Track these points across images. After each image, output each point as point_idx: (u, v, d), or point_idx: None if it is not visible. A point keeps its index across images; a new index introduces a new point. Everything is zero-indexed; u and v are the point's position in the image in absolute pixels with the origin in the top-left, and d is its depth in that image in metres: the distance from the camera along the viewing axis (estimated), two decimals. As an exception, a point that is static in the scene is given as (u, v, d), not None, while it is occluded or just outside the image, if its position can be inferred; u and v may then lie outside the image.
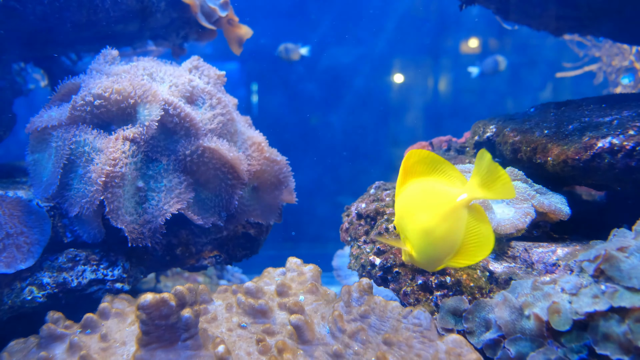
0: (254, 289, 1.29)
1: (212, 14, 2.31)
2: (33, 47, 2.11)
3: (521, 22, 2.25)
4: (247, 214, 1.79)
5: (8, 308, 1.40)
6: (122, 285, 1.54)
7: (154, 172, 1.54)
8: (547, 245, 1.27)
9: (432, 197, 1.00)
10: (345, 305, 1.21)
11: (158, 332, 1.04)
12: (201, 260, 1.75)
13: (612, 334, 0.95)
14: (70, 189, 1.47)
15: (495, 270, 1.24)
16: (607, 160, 1.22)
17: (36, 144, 1.57)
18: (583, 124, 1.34)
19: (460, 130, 2.42)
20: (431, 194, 1.00)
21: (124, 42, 2.38)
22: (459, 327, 1.19)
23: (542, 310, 1.04)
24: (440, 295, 1.27)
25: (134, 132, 1.47)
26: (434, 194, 1.00)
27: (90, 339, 1.18)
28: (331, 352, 1.11)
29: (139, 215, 1.49)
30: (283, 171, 1.84)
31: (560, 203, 1.31)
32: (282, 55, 4.35)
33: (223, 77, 1.86)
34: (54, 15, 1.79)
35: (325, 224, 4.79)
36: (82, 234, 1.51)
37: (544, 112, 1.62)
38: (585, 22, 1.99)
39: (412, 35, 5.34)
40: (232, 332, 1.20)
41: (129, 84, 1.51)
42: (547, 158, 1.37)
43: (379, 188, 1.78)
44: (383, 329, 1.13)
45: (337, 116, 5.29)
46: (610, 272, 1.01)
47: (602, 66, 3.99)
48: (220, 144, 1.60)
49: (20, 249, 1.40)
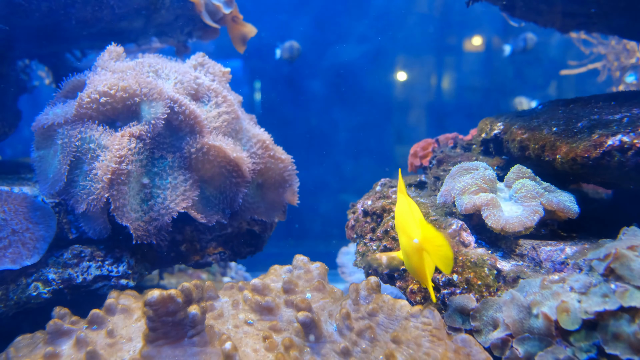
0: (260, 285, 1.29)
1: (216, 11, 2.30)
2: (38, 43, 2.11)
3: (528, 18, 2.24)
4: (251, 211, 1.79)
5: (14, 304, 1.39)
6: (127, 281, 1.54)
7: (159, 169, 1.54)
8: (556, 243, 1.26)
9: (407, 226, 1.13)
10: (353, 303, 1.20)
11: (165, 329, 1.04)
12: (206, 257, 1.75)
13: (622, 334, 0.94)
14: (75, 185, 1.47)
15: (503, 268, 1.23)
16: (617, 158, 1.21)
17: (42, 140, 1.57)
18: (592, 121, 1.33)
19: (465, 128, 2.41)
20: (407, 223, 1.13)
21: (129, 39, 2.37)
22: (466, 325, 1.18)
23: (550, 309, 1.04)
24: (448, 294, 1.26)
25: (139, 129, 1.47)
26: (408, 224, 1.13)
27: (97, 335, 1.18)
28: (339, 349, 1.10)
29: (144, 212, 1.49)
30: (288, 169, 1.83)
31: (569, 201, 1.30)
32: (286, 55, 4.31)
33: (228, 74, 1.86)
34: (59, 11, 1.78)
35: (329, 222, 4.79)
36: (88, 230, 1.51)
37: (552, 109, 1.61)
38: (594, 19, 1.97)
39: (416, 32, 5.32)
40: (238, 329, 1.19)
41: (135, 81, 1.51)
42: (555, 156, 1.36)
43: (385, 185, 1.77)
44: (391, 327, 1.13)
45: (341, 114, 5.28)
46: (620, 271, 1.00)
47: (607, 64, 3.97)
48: (224, 142, 1.59)
49: (26, 245, 1.40)
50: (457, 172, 1.48)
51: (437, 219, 1.42)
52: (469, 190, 1.36)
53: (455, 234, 1.34)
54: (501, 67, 5.31)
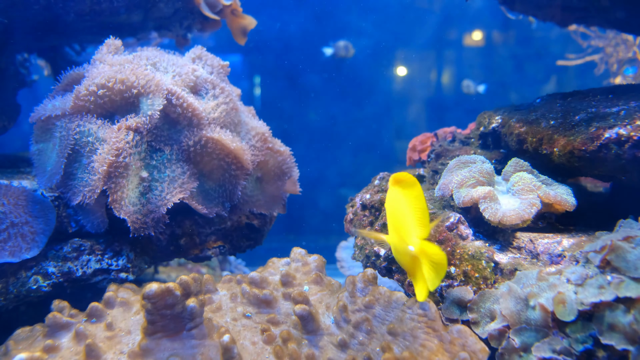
0: (258, 279, 1.29)
1: (215, 3, 2.29)
2: (37, 37, 2.10)
3: (527, 12, 2.24)
4: (250, 204, 1.79)
5: (14, 297, 1.40)
6: (127, 275, 1.55)
7: (157, 162, 1.54)
8: (553, 236, 1.26)
9: (401, 225, 1.07)
10: (349, 295, 1.20)
11: (163, 322, 1.05)
12: (205, 251, 1.76)
13: (618, 324, 0.95)
14: (74, 178, 1.47)
15: (500, 260, 1.24)
16: (614, 151, 1.21)
17: (40, 133, 1.57)
18: (590, 114, 1.33)
19: (463, 122, 2.41)
20: (401, 222, 1.07)
21: (128, 33, 2.37)
22: (463, 317, 1.19)
23: (547, 300, 1.04)
24: (445, 286, 1.27)
25: (137, 122, 1.47)
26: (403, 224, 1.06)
27: (96, 328, 1.19)
28: (336, 342, 1.11)
29: (142, 206, 1.49)
30: (287, 162, 1.83)
31: (566, 194, 1.30)
32: (342, 53, 4.48)
33: (227, 67, 1.85)
34: (58, 4, 1.78)
35: (328, 216, 4.79)
36: (86, 223, 1.51)
37: (550, 103, 1.61)
38: (592, 12, 1.97)
39: (415, 27, 5.31)
40: (236, 322, 1.20)
41: (132, 74, 1.51)
42: (553, 149, 1.36)
43: (384, 179, 1.78)
44: (388, 319, 1.13)
45: (340, 108, 5.27)
46: (616, 263, 1.01)
47: (604, 57, 3.97)
48: (223, 134, 1.59)
49: (25, 238, 1.41)
50: (455, 166, 1.48)
51: (435, 212, 1.43)
52: (466, 184, 1.37)
53: (453, 227, 1.34)
54: (501, 62, 5.30)
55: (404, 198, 1.07)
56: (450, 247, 1.31)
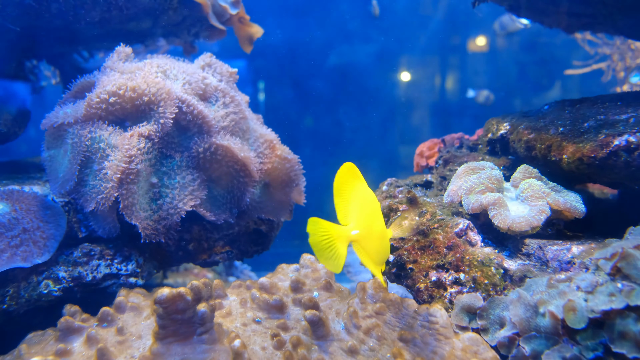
0: (268, 284, 1.30)
1: (223, 12, 2.32)
2: (47, 44, 2.13)
3: (533, 19, 2.24)
4: (258, 210, 1.80)
5: (25, 301, 1.41)
6: (136, 279, 1.55)
7: (167, 168, 1.55)
8: (562, 243, 1.26)
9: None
10: (360, 301, 1.21)
11: (174, 326, 1.05)
12: (213, 256, 1.76)
13: (629, 332, 0.94)
14: (85, 184, 1.49)
15: (510, 267, 1.24)
16: (624, 158, 1.22)
17: (52, 140, 1.59)
18: (599, 121, 1.34)
19: (469, 128, 2.41)
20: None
21: (136, 40, 2.39)
22: (473, 324, 1.19)
23: (557, 308, 1.04)
24: (455, 292, 1.27)
25: (148, 129, 1.49)
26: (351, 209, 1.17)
27: (107, 332, 1.20)
28: (346, 347, 1.11)
29: (153, 212, 1.50)
30: (294, 169, 1.84)
31: (576, 201, 1.31)
32: (480, 99, 4.73)
33: (235, 74, 1.87)
34: (69, 12, 1.80)
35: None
36: (97, 229, 1.52)
37: (558, 109, 1.61)
38: (599, 19, 1.97)
39: (420, 32, 5.33)
40: (246, 327, 1.21)
41: (144, 82, 1.52)
42: (562, 156, 1.36)
43: (392, 185, 1.78)
44: (399, 325, 1.14)
45: (345, 114, 5.28)
46: (627, 270, 1.01)
47: (611, 64, 3.96)
48: (232, 142, 1.61)
49: (37, 243, 1.42)
50: (464, 172, 1.48)
51: (444, 218, 1.43)
52: (475, 190, 1.37)
53: (462, 233, 1.35)
54: (506, 68, 5.31)
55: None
56: (460, 254, 1.31)
